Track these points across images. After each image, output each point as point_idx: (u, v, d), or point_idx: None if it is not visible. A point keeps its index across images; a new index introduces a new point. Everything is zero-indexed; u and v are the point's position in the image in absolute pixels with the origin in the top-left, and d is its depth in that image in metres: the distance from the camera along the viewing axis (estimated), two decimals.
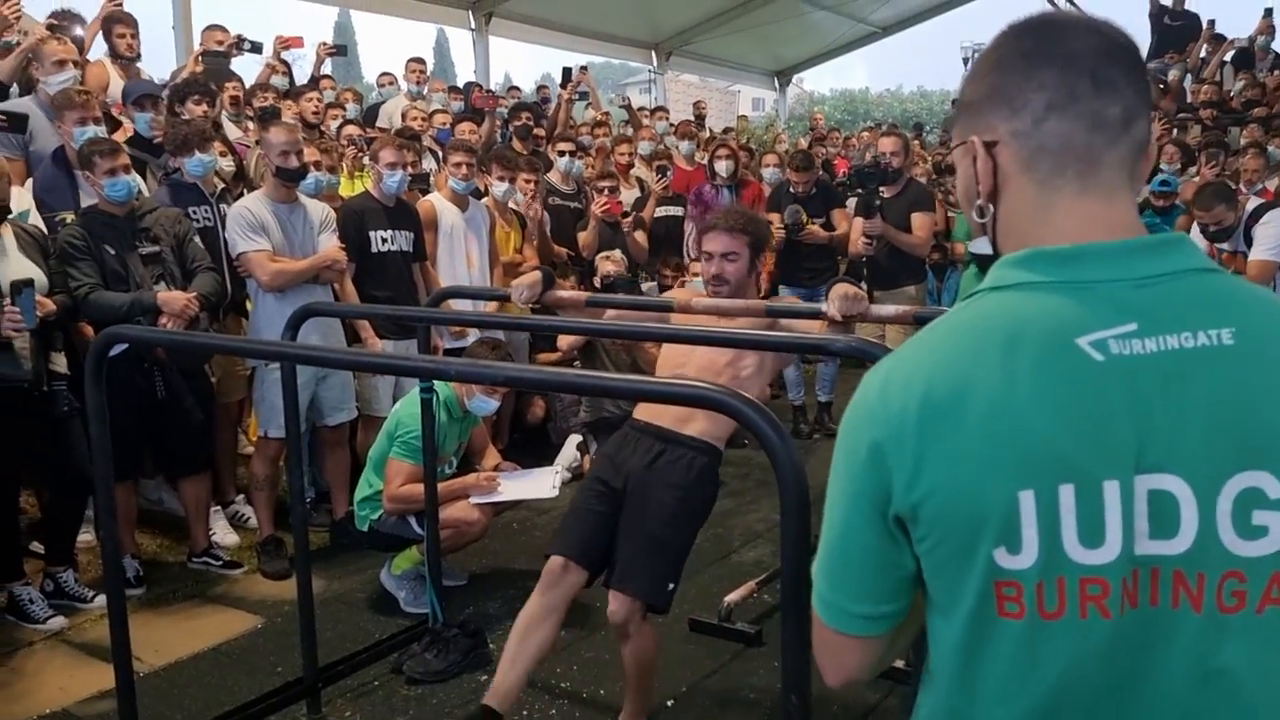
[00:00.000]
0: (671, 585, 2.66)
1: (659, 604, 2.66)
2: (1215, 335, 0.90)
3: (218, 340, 3.74)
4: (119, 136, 4.70)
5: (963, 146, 1.03)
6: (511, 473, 4.01)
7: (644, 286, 5.94)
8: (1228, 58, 9.99)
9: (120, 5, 5.17)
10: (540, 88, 11.82)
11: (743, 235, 2.80)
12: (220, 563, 4.12)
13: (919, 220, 5.50)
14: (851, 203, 5.80)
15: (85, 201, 4.01)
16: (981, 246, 1.05)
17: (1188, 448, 0.88)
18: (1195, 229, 5.04)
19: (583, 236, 5.68)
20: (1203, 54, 10.01)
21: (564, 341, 5.28)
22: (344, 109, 6.29)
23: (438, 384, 4.19)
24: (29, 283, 3.31)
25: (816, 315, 2.53)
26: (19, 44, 5.27)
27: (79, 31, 4.89)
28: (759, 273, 2.95)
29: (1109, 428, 0.88)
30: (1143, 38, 11.13)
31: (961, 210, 1.07)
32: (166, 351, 3.72)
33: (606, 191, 5.64)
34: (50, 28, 4.40)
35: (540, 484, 3.87)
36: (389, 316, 3.26)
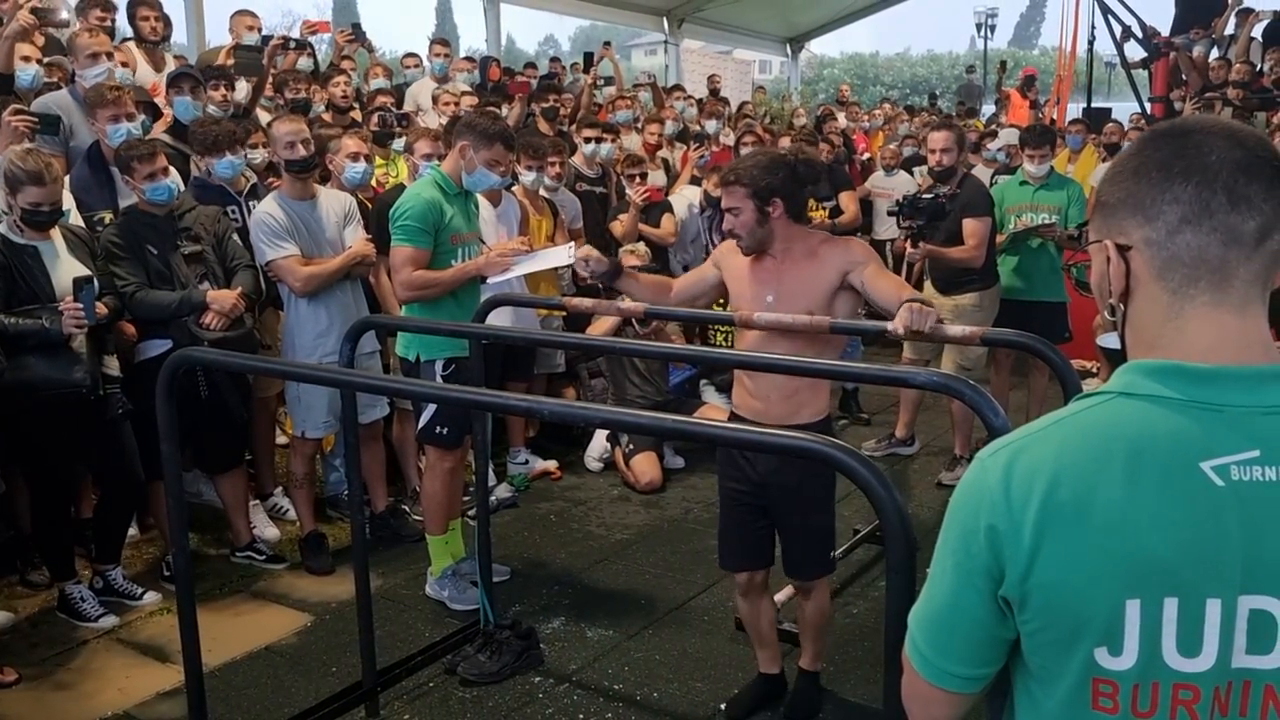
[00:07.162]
0: (833, 552, 3.03)
1: (831, 570, 3.06)
2: None
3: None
4: (159, 126, 4.67)
5: (1098, 245, 1.06)
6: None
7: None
8: (1256, 32, 9.72)
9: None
10: (553, 59, 11.68)
11: (737, 187, 2.71)
12: (264, 557, 4.14)
13: (970, 227, 4.69)
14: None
15: (123, 200, 3.98)
16: (1110, 341, 1.09)
17: None
18: None
19: (619, 224, 5.65)
20: (1230, 29, 9.84)
21: (595, 329, 5.28)
22: (388, 93, 6.20)
23: (427, 165, 4.13)
24: (90, 280, 3.33)
25: (880, 334, 2.53)
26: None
27: (64, 15, 4.63)
28: (780, 214, 2.72)
29: (1220, 550, 0.93)
30: (1166, 11, 10.99)
31: (1097, 302, 1.11)
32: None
33: (638, 178, 5.61)
34: (34, 11, 4.17)
35: (555, 255, 3.74)
36: (451, 333, 3.24)
